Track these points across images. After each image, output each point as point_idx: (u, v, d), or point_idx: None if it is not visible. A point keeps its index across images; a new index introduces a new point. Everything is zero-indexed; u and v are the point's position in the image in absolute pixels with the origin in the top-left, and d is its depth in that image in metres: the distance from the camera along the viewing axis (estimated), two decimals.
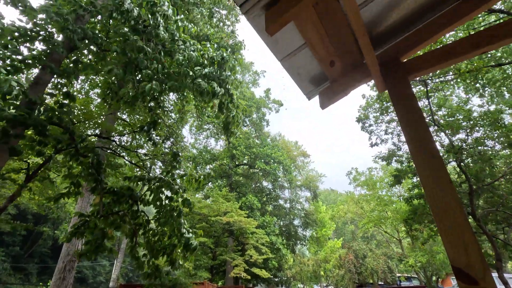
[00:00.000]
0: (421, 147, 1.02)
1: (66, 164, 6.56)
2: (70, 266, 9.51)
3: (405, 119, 1.20)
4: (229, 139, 7.47)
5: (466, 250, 0.78)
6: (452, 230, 0.82)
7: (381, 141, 9.99)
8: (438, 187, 0.88)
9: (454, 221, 0.82)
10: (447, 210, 0.84)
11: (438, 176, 0.89)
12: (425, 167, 0.94)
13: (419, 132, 1.08)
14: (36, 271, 39.49)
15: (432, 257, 18.56)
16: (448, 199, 0.86)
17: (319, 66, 1.70)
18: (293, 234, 35.68)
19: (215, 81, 6.25)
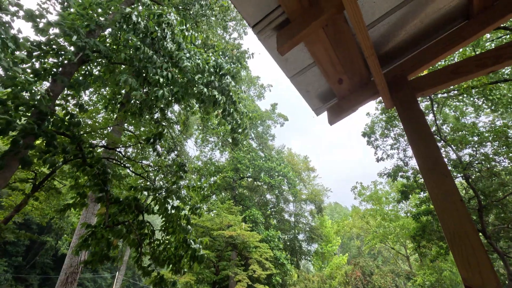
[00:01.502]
0: (430, 164, 1.03)
1: (73, 174, 6.64)
2: (72, 278, 9.42)
3: (413, 136, 1.21)
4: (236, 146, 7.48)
5: (479, 270, 0.77)
6: (464, 249, 0.81)
7: (387, 156, 9.93)
8: (449, 206, 0.88)
9: (466, 240, 0.82)
10: (458, 228, 0.84)
11: (449, 195, 0.90)
12: (435, 186, 0.94)
13: (428, 149, 1.09)
14: (38, 282, 39.13)
15: (441, 275, 17.97)
16: (459, 217, 0.86)
17: (328, 84, 1.74)
18: (297, 249, 35.00)
19: (216, 89, 6.33)
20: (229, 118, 6.91)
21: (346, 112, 1.77)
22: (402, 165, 9.36)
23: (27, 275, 37.91)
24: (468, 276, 0.78)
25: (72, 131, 5.58)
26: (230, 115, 6.79)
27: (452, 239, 0.82)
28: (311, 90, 1.76)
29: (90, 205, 10.55)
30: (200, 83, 5.92)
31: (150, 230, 6.47)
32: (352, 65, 1.64)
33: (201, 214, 6.59)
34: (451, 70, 1.56)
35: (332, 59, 1.56)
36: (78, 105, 6.00)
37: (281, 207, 36.53)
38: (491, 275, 0.75)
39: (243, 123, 6.85)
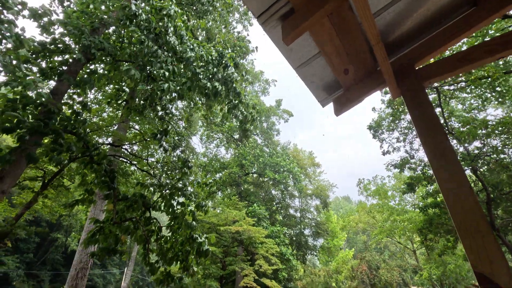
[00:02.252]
0: (438, 152, 1.01)
1: (80, 171, 6.73)
2: (82, 273, 9.60)
3: (421, 125, 1.19)
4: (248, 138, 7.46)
5: (488, 257, 0.76)
6: (473, 237, 0.80)
7: (393, 149, 9.84)
8: (458, 193, 0.87)
9: (475, 227, 0.81)
10: (468, 216, 0.83)
11: (458, 182, 0.88)
12: (443, 173, 0.92)
13: (436, 138, 1.07)
14: (49, 278, 39.99)
15: (446, 268, 17.86)
16: (468, 205, 0.84)
17: (333, 74, 1.72)
18: (303, 244, 35.09)
19: (220, 81, 6.29)
20: (234, 110, 6.88)
21: (352, 102, 1.75)
22: (409, 158, 9.28)
23: (38, 271, 38.78)
24: (477, 262, 0.77)
25: (78, 130, 5.65)
26: (236, 107, 6.76)
27: (461, 227, 0.81)
28: (317, 81, 1.75)
29: (98, 202, 10.70)
30: (203, 77, 5.91)
31: (157, 226, 6.55)
32: (357, 54, 1.61)
33: (207, 211, 6.63)
34: (459, 57, 1.53)
35: (338, 49, 1.55)
36: (82, 104, 6.06)
37: (286, 203, 36.60)
38: (501, 262, 0.74)
39: (249, 115, 6.82)
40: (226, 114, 6.93)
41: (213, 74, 5.87)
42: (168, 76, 5.36)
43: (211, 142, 35.21)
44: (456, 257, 16.90)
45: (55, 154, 5.10)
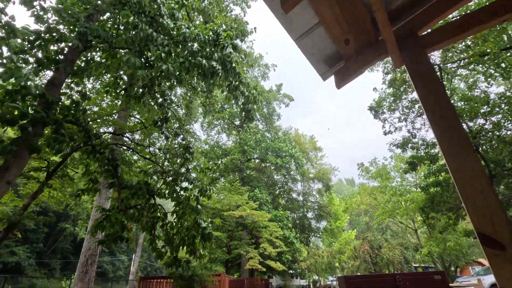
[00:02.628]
0: (439, 115, 0.98)
1: (83, 161, 6.78)
2: (91, 260, 9.87)
3: (423, 91, 1.16)
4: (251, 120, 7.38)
5: (491, 216, 0.76)
6: (477, 200, 0.80)
7: (395, 129, 9.77)
8: (461, 158, 0.86)
9: (479, 191, 0.80)
10: (472, 181, 0.82)
11: (461, 146, 0.87)
12: (446, 136, 0.91)
13: (439, 103, 1.04)
14: (60, 266, 41.15)
15: (446, 245, 18.17)
16: (472, 169, 0.84)
17: (334, 45, 1.68)
18: (307, 226, 35.73)
19: (217, 61, 6.19)
20: (236, 92, 6.81)
21: (353, 74, 1.71)
22: (411, 137, 9.24)
23: (49, 260, 39.85)
24: (480, 223, 0.77)
25: (78, 119, 5.64)
26: (237, 88, 6.68)
27: (465, 191, 0.80)
28: (317, 53, 1.70)
29: (103, 191, 10.86)
30: (200, 56, 5.82)
31: (162, 213, 6.66)
32: (358, 23, 1.56)
33: (210, 195, 6.71)
34: (461, 22, 1.47)
35: (338, 17, 1.50)
36: (81, 93, 6.01)
37: (289, 187, 36.98)
38: (503, 223, 0.74)
39: (251, 96, 6.76)
40: (228, 95, 6.86)
41: (211, 53, 5.77)
42: (165, 57, 5.29)
43: (212, 129, 35.22)
44: (457, 234, 17.14)
45: (57, 144, 5.11)
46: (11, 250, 34.22)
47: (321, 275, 34.07)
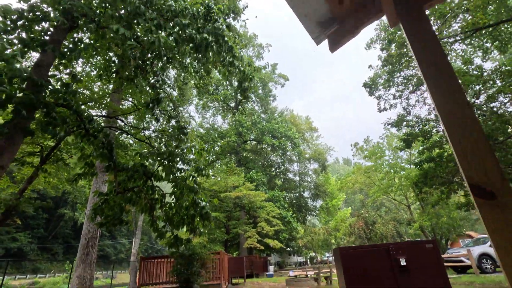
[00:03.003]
0: (434, 68, 0.95)
1: (78, 145, 6.72)
2: (92, 242, 10.03)
3: (418, 48, 1.11)
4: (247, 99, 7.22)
5: (484, 166, 0.76)
6: (470, 150, 0.79)
7: (390, 106, 9.76)
8: (454, 108, 0.84)
9: (472, 141, 0.79)
10: (465, 132, 0.81)
11: (454, 97, 0.84)
12: (438, 87, 0.88)
13: (433, 56, 0.99)
14: (62, 250, 41.97)
15: (439, 220, 18.76)
16: (464, 120, 0.83)
17: (327, 5, 1.61)
18: (303, 205, 36.51)
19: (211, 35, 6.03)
20: (231, 68, 6.68)
21: (347, 36, 1.65)
22: (405, 114, 9.25)
23: (51, 245, 40.53)
24: (472, 174, 0.78)
25: (70, 102, 5.51)
26: (231, 64, 6.55)
27: (458, 143, 0.80)
28: (310, 13, 1.63)
29: (99, 174, 10.86)
30: (191, 29, 5.66)
31: (160, 194, 6.72)
32: None
33: (208, 174, 6.75)
34: None
35: None
36: (71, 74, 5.84)
37: (285, 168, 37.40)
38: (496, 172, 0.75)
39: (247, 71, 6.64)
40: (223, 70, 6.72)
41: (202, 27, 5.60)
42: (155, 31, 5.12)
43: (207, 112, 34.93)
44: (449, 208, 17.65)
45: (50, 127, 5.03)
46: (12, 236, 34.64)
47: (317, 252, 35.22)
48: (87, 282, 9.48)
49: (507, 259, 0.69)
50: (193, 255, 8.68)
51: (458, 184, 8.31)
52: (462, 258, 12.54)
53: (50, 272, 36.59)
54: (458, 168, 8.24)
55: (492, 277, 10.02)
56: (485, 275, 11.03)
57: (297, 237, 29.32)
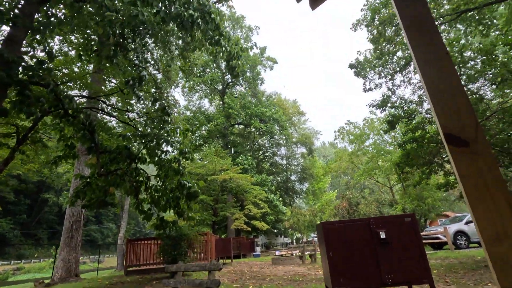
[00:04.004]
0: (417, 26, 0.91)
1: (57, 126, 6.47)
2: (76, 225, 9.91)
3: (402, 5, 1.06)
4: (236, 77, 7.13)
5: (458, 114, 0.76)
6: (445, 96, 0.78)
7: (375, 86, 9.83)
8: (431, 58, 0.82)
9: (448, 90, 0.79)
10: (441, 81, 0.80)
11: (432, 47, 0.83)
12: (417, 37, 0.86)
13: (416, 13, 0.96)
14: (46, 236, 41.42)
15: (421, 202, 19.59)
16: (441, 69, 0.81)
17: None
18: (290, 188, 37.17)
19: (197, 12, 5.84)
20: (217, 47, 6.51)
21: None
22: (390, 94, 9.35)
23: (34, 231, 39.87)
24: (447, 123, 0.77)
25: (46, 80, 5.22)
26: (217, 43, 6.38)
27: (434, 92, 0.79)
28: None
29: (82, 158, 10.59)
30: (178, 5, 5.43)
31: (145, 176, 6.62)
32: None
33: (192, 158, 6.68)
34: None
35: None
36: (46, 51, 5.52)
37: (273, 151, 37.67)
38: (471, 121, 0.75)
39: (234, 50, 6.50)
40: (211, 49, 6.54)
41: (187, 2, 5.37)
42: (140, 4, 4.88)
43: (193, 95, 34.27)
44: (429, 188, 18.43)
45: (25, 107, 4.78)
46: None
47: (303, 233, 36.28)
48: (73, 265, 9.44)
49: (477, 205, 0.69)
50: (180, 236, 8.73)
51: (438, 165, 8.61)
52: (439, 235, 13.22)
53: (35, 258, 36.22)
54: (438, 149, 8.53)
55: (465, 252, 10.63)
56: (459, 250, 11.69)
57: (283, 219, 30.00)
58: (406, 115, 8.63)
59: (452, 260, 8.58)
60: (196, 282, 3.60)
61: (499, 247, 0.65)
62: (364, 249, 3.31)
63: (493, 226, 0.67)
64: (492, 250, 0.65)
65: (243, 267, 10.82)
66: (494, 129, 6.66)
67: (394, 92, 9.24)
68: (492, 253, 0.65)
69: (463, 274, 6.29)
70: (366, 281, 3.26)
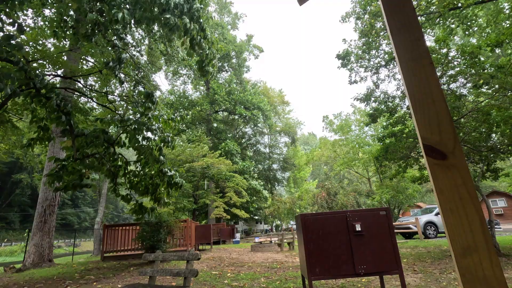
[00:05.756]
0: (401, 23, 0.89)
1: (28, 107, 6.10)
2: (50, 210, 9.56)
3: None
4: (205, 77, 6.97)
5: (438, 126, 0.76)
6: (427, 111, 0.79)
7: (360, 79, 9.98)
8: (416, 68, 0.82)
9: (431, 103, 0.79)
10: (423, 91, 0.80)
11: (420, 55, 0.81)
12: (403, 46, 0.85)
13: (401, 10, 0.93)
14: (18, 219, 39.89)
15: (397, 193, 20.49)
16: (426, 80, 0.81)
17: None
18: (272, 177, 37.64)
19: (186, 15, 5.68)
20: (197, 48, 6.36)
21: None
22: (374, 87, 9.54)
23: (5, 213, 38.23)
24: (427, 135, 0.78)
25: (15, 56, 4.85)
26: (198, 44, 6.23)
27: (416, 102, 0.79)
28: None
29: (57, 140, 10.13)
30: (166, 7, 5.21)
31: (124, 161, 6.43)
32: None
33: (174, 146, 6.55)
34: None
35: None
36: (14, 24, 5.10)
37: (256, 139, 37.77)
38: (450, 133, 0.75)
39: (211, 53, 6.37)
40: (191, 52, 6.37)
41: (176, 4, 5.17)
42: (120, 2, 4.61)
43: (177, 79, 33.35)
44: (408, 183, 19.30)
45: None
46: None
47: (283, 220, 37.08)
48: (46, 250, 9.17)
49: (450, 217, 0.71)
50: (160, 223, 8.66)
51: (414, 159, 8.97)
52: (410, 225, 13.93)
53: (5, 241, 34.90)
54: (415, 144, 8.86)
55: (433, 241, 11.30)
56: (428, 240, 12.41)
57: (264, 206, 30.47)
58: (388, 110, 8.84)
59: (421, 249, 9.09)
60: (174, 271, 3.59)
61: (468, 259, 0.67)
62: (340, 241, 3.42)
63: (464, 239, 0.69)
64: (462, 262, 0.67)
65: (223, 254, 10.96)
66: (467, 127, 6.98)
67: (378, 86, 9.42)
68: (461, 265, 0.67)
69: (430, 263, 6.69)
70: (340, 271, 3.38)
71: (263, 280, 5.63)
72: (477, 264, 0.65)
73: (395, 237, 3.47)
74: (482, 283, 0.64)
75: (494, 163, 8.15)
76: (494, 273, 0.64)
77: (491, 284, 0.64)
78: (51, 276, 7.26)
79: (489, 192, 26.64)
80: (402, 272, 3.36)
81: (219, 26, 32.11)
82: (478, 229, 0.67)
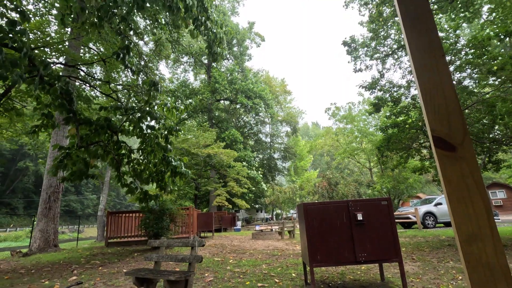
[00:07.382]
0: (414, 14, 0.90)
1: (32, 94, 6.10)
2: (54, 196, 9.71)
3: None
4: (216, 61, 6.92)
5: (448, 119, 0.79)
6: (436, 98, 0.80)
7: (365, 67, 9.85)
8: (428, 60, 0.83)
9: (441, 92, 0.80)
10: (435, 82, 0.82)
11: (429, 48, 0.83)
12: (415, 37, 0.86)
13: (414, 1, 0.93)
14: (22, 205, 40.45)
15: (398, 183, 20.62)
16: (437, 71, 0.82)
17: None
18: (273, 166, 37.80)
19: None
20: (202, 28, 6.28)
21: None
22: (379, 76, 9.43)
23: (9, 200, 38.76)
24: (436, 125, 0.80)
25: (19, 43, 4.83)
26: (203, 25, 6.16)
27: (427, 95, 0.81)
28: None
29: (61, 127, 10.18)
30: None
31: (127, 150, 6.48)
32: None
33: (178, 134, 6.58)
34: None
35: None
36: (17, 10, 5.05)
37: (258, 129, 37.75)
38: (459, 124, 0.78)
39: (219, 33, 6.29)
40: (196, 33, 6.29)
41: None
42: None
43: (177, 67, 33.06)
44: (409, 173, 19.38)
45: None
46: None
47: (283, 209, 37.49)
48: (51, 236, 9.36)
49: (457, 206, 0.74)
50: (163, 210, 8.80)
51: (415, 150, 8.98)
52: (409, 215, 14.09)
53: (11, 227, 35.54)
54: (417, 135, 8.85)
55: (432, 231, 11.45)
56: (426, 229, 12.57)
57: (265, 195, 30.75)
58: (392, 99, 8.79)
59: (419, 238, 9.23)
60: (179, 257, 3.69)
61: (473, 246, 0.71)
62: (342, 230, 3.49)
63: (470, 227, 0.72)
64: (467, 249, 0.71)
65: (224, 241, 11.16)
66: (471, 118, 6.96)
67: (383, 75, 9.31)
68: (466, 251, 0.71)
69: (428, 252, 6.81)
70: (341, 259, 3.47)
71: (265, 267, 5.77)
72: (481, 251, 0.69)
73: (396, 227, 3.53)
74: (486, 269, 0.68)
75: (496, 154, 8.17)
76: (498, 260, 0.68)
77: (495, 270, 0.68)
78: (57, 260, 7.45)
79: (489, 183, 26.78)
80: (402, 261, 3.44)
81: (221, 13, 31.58)
82: (484, 218, 0.71)
